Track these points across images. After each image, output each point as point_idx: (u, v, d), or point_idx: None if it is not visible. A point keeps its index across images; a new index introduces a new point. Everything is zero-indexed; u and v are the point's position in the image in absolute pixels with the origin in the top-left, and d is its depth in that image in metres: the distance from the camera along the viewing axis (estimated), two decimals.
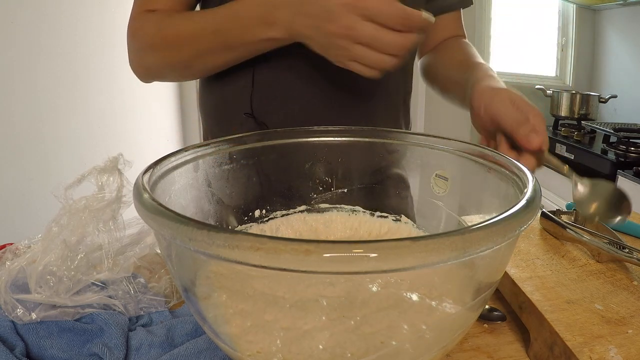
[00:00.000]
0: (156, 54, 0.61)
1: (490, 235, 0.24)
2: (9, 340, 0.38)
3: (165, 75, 0.67)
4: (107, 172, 0.44)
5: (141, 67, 0.65)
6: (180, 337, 0.41)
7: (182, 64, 0.60)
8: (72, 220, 0.43)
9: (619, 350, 0.34)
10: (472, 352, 0.40)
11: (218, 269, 0.30)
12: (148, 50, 0.61)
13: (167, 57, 0.60)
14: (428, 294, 0.30)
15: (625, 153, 1.79)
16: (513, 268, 0.46)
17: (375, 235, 0.49)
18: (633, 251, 0.49)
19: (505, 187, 0.37)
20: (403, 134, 0.47)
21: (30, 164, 1.73)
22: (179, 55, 0.59)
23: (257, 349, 0.28)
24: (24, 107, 1.68)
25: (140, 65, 0.64)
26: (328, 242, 0.21)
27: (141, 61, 0.64)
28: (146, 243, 0.51)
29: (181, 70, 0.63)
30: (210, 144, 0.42)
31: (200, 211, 0.42)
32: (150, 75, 0.66)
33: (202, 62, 0.60)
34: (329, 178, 0.50)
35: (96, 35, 2.07)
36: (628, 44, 2.33)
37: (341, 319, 0.28)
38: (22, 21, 1.63)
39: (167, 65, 0.62)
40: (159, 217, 0.25)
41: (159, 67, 0.63)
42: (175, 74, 0.67)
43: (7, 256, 0.45)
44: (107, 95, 2.16)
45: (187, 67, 0.61)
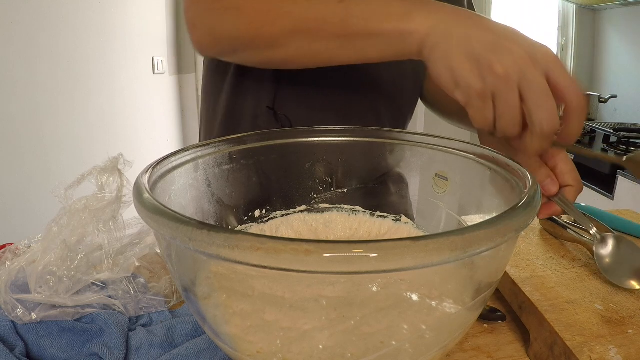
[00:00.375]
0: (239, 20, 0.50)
1: (490, 235, 0.24)
2: (9, 340, 0.38)
3: (237, 51, 0.54)
4: (107, 172, 0.44)
5: (209, 35, 0.53)
6: (180, 337, 0.41)
7: (269, 40, 0.50)
8: (72, 220, 0.43)
9: (619, 350, 0.34)
10: (472, 352, 0.40)
11: (218, 269, 0.30)
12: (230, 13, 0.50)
13: (253, 27, 0.49)
14: (428, 294, 0.30)
15: (625, 153, 1.79)
16: (513, 268, 0.46)
17: (375, 235, 0.49)
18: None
19: (505, 187, 0.36)
20: (403, 134, 0.47)
21: (30, 164, 1.73)
22: (271, 27, 0.49)
23: (257, 349, 0.28)
24: (24, 107, 1.68)
25: (209, 34, 0.53)
26: (328, 242, 0.21)
27: (213, 27, 0.52)
28: (146, 243, 0.51)
29: (262, 48, 0.51)
30: (210, 144, 0.42)
31: (200, 211, 0.42)
32: (217, 47, 0.55)
33: (294, 46, 0.49)
34: (329, 178, 0.50)
35: (96, 35, 2.07)
36: (628, 44, 2.33)
37: (341, 319, 0.28)
38: (22, 21, 1.63)
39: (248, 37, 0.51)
40: (159, 217, 0.25)
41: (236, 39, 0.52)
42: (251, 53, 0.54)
43: (7, 256, 0.45)
44: (107, 95, 2.17)
45: (271, 47, 0.50)
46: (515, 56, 0.39)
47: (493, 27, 0.41)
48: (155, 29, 2.68)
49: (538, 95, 0.38)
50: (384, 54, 0.47)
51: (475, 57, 0.40)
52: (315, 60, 0.51)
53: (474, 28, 0.41)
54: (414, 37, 0.44)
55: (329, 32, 0.47)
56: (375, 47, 0.46)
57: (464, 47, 0.41)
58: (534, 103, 0.39)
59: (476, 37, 0.40)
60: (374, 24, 0.45)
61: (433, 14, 0.43)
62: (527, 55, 0.39)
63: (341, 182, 0.50)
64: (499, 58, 0.39)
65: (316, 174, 0.49)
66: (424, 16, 0.43)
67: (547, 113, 0.38)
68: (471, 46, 0.40)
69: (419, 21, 0.43)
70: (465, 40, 0.41)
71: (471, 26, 0.41)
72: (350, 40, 0.47)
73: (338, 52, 0.49)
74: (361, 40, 0.46)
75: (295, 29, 0.48)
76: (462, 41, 0.41)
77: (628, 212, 0.68)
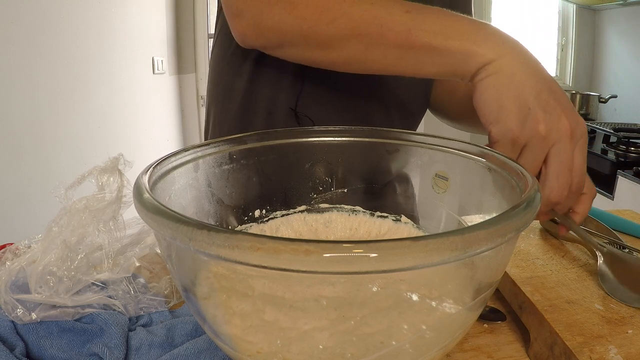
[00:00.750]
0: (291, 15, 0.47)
1: (490, 235, 0.24)
2: (9, 340, 0.38)
3: (284, 47, 0.51)
4: (108, 173, 0.44)
5: (255, 26, 0.50)
6: (180, 337, 0.41)
7: (322, 40, 0.47)
8: (73, 220, 0.43)
9: (619, 350, 0.34)
10: (472, 352, 0.40)
11: (218, 269, 0.30)
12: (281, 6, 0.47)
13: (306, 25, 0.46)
14: (428, 294, 0.30)
15: (625, 153, 1.79)
16: (513, 268, 0.46)
17: (375, 235, 0.49)
18: (633, 251, 0.49)
19: (505, 187, 0.36)
20: (403, 134, 0.47)
21: (30, 164, 1.73)
22: (326, 27, 0.46)
23: (257, 349, 0.28)
24: (24, 107, 1.68)
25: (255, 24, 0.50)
26: (328, 242, 0.21)
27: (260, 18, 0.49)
28: (146, 243, 0.51)
29: (313, 48, 0.49)
30: (210, 144, 0.42)
31: (200, 211, 0.42)
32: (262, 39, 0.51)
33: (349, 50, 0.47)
34: (329, 178, 0.50)
35: (96, 35, 2.07)
36: (628, 44, 2.33)
37: (341, 319, 0.28)
38: (22, 21, 1.63)
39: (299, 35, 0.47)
40: (159, 217, 0.25)
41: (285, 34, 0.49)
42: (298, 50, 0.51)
43: (7, 256, 0.45)
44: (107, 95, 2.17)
45: (324, 47, 0.48)
46: (560, 124, 0.40)
47: (551, 83, 0.42)
48: (155, 29, 2.68)
49: (561, 167, 0.40)
50: (440, 71, 0.46)
51: (526, 104, 0.41)
52: (367, 67, 0.49)
53: (536, 76, 0.42)
54: (478, 60, 0.43)
55: (390, 41, 0.45)
56: (435, 63, 0.45)
57: (520, 90, 0.41)
58: (553, 171, 0.41)
59: (534, 87, 0.41)
60: (440, 39, 0.43)
61: (503, 44, 0.43)
62: (569, 127, 0.40)
63: (341, 182, 0.50)
64: (546, 117, 0.40)
65: (316, 174, 0.49)
66: (494, 42, 0.43)
67: (560, 186, 0.41)
68: (527, 93, 0.41)
69: (487, 45, 0.43)
70: (524, 84, 0.41)
71: (534, 73, 0.42)
72: (411, 51, 0.45)
73: (394, 63, 0.47)
74: (422, 54, 0.45)
75: (353, 33, 0.46)
76: (521, 83, 0.42)
77: (628, 212, 0.68)
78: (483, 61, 0.43)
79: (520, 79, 0.42)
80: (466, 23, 0.45)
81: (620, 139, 1.83)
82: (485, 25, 0.45)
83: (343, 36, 0.46)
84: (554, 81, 0.43)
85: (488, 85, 0.43)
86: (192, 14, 2.99)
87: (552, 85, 0.43)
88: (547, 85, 0.42)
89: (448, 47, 0.44)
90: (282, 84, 0.64)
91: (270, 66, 0.63)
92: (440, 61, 0.45)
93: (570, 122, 0.41)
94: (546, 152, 0.41)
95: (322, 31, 0.46)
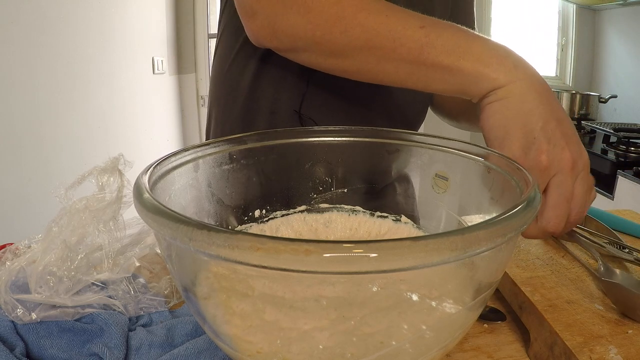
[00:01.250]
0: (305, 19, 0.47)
1: (490, 235, 0.24)
2: (9, 340, 0.38)
3: (297, 51, 0.51)
4: (108, 173, 0.44)
5: (269, 27, 0.50)
6: (180, 337, 0.41)
7: (335, 48, 0.47)
8: (73, 220, 0.43)
9: (619, 350, 0.34)
10: (472, 352, 0.40)
11: (218, 269, 0.30)
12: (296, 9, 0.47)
13: (320, 31, 0.46)
14: (428, 294, 0.30)
15: (625, 153, 1.79)
16: (513, 268, 0.46)
17: (375, 235, 0.49)
18: (633, 251, 0.49)
19: (505, 187, 0.37)
20: (403, 134, 0.47)
21: (30, 164, 1.73)
22: (340, 36, 0.46)
23: (257, 349, 0.28)
24: (24, 107, 1.68)
25: (269, 25, 0.49)
26: (328, 242, 0.21)
27: (275, 19, 0.49)
28: (146, 243, 0.51)
29: (326, 55, 0.49)
30: (210, 144, 0.42)
31: (200, 211, 0.42)
32: (275, 40, 0.51)
33: (361, 60, 0.47)
34: (329, 178, 0.50)
35: (96, 35, 2.07)
36: (628, 44, 2.33)
37: (341, 319, 0.28)
38: (22, 21, 1.63)
39: (312, 41, 0.47)
40: (159, 217, 0.25)
41: (299, 38, 0.48)
42: (311, 55, 0.51)
43: (7, 256, 0.45)
44: (107, 95, 2.17)
45: (336, 55, 0.48)
46: (563, 156, 0.41)
47: (559, 113, 0.42)
48: (155, 29, 2.68)
49: (559, 198, 0.41)
50: (450, 89, 0.46)
51: (532, 133, 0.41)
52: (378, 78, 0.49)
53: (545, 105, 0.42)
54: (489, 83, 0.43)
55: (403, 56, 0.45)
56: (446, 81, 0.45)
57: (528, 118, 0.42)
58: (552, 202, 0.41)
59: (542, 116, 0.41)
60: (452, 58, 0.43)
61: (515, 69, 0.43)
62: (572, 160, 0.41)
63: (341, 182, 0.50)
64: (549, 148, 0.41)
65: (316, 174, 0.49)
66: (507, 66, 0.43)
67: (558, 217, 0.41)
68: (534, 122, 0.41)
69: (500, 69, 0.43)
70: (533, 112, 0.42)
71: (544, 102, 0.42)
72: (422, 68, 0.45)
73: (405, 77, 0.47)
74: (434, 71, 0.45)
75: (367, 44, 0.46)
76: (529, 111, 0.42)
77: (628, 212, 0.68)
78: (494, 85, 0.43)
79: (529, 107, 0.42)
80: (480, 44, 0.44)
81: (620, 139, 1.83)
82: (500, 47, 0.44)
83: (356, 47, 0.46)
84: (562, 110, 0.43)
85: (496, 109, 0.43)
86: (192, 14, 2.99)
87: (560, 115, 0.43)
88: (555, 115, 0.42)
89: (460, 67, 0.43)
90: (286, 85, 0.64)
91: (275, 66, 0.63)
92: (451, 80, 0.45)
93: (573, 154, 0.41)
94: (546, 183, 0.41)
95: (335, 39, 0.46)
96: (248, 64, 0.65)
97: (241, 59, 0.66)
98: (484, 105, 0.44)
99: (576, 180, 0.41)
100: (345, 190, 0.50)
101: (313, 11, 0.46)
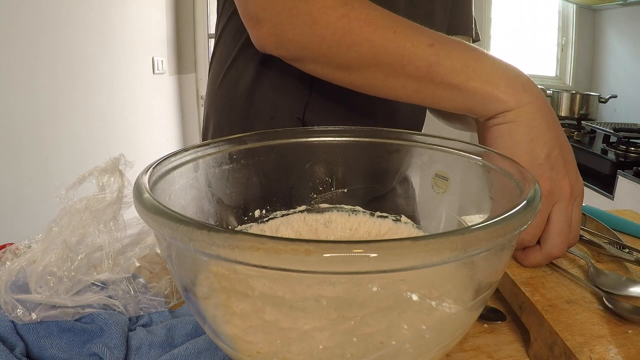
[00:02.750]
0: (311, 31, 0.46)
1: (490, 235, 0.24)
2: (9, 340, 0.38)
3: (304, 61, 0.50)
4: (108, 173, 0.44)
5: (275, 36, 0.49)
6: (180, 337, 0.41)
7: (341, 62, 0.47)
8: (73, 220, 0.43)
9: (619, 350, 0.34)
10: (472, 352, 0.40)
11: (218, 269, 0.30)
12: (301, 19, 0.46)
13: (326, 44, 0.46)
14: (428, 294, 0.30)
15: (625, 153, 1.79)
16: (513, 268, 0.46)
17: (375, 235, 0.49)
18: (633, 251, 0.49)
19: (505, 187, 0.36)
20: (403, 133, 0.47)
21: (30, 164, 1.73)
22: (346, 50, 0.45)
23: (257, 349, 0.28)
24: (24, 107, 1.68)
25: (275, 34, 0.49)
26: (328, 242, 0.21)
27: (281, 28, 0.48)
28: (146, 243, 0.51)
29: (332, 67, 0.49)
30: (210, 144, 0.42)
31: (200, 211, 0.42)
32: (281, 49, 0.50)
33: (368, 75, 0.47)
34: (329, 178, 0.50)
35: (96, 35, 2.07)
36: (628, 44, 2.33)
37: (341, 319, 0.28)
38: (22, 21, 1.63)
39: (318, 53, 0.47)
40: (159, 217, 0.25)
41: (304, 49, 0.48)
42: (317, 66, 0.50)
43: (7, 256, 0.45)
44: (107, 95, 2.17)
45: (342, 69, 0.48)
46: (563, 184, 0.42)
47: (563, 141, 0.43)
48: (155, 29, 2.68)
49: (563, 225, 0.42)
50: (456, 107, 0.46)
51: (537, 159, 0.42)
52: (385, 93, 0.49)
53: (551, 132, 0.43)
54: (497, 105, 0.43)
55: (410, 73, 0.45)
56: (453, 100, 0.45)
57: (534, 144, 0.42)
58: (557, 229, 0.42)
59: (548, 143, 0.42)
60: (461, 78, 0.43)
61: (524, 92, 0.43)
62: (571, 187, 0.42)
63: (341, 182, 0.50)
64: (552, 175, 0.42)
65: (316, 174, 0.49)
66: (516, 89, 0.43)
67: (562, 243, 0.42)
68: (540, 148, 0.42)
69: (509, 92, 0.43)
70: (540, 138, 0.42)
71: (550, 129, 0.43)
72: (430, 86, 0.45)
73: (412, 94, 0.47)
74: (442, 90, 0.45)
75: (374, 60, 0.45)
76: (536, 137, 0.42)
77: (628, 212, 0.68)
78: (503, 107, 0.43)
79: (536, 133, 0.42)
80: (490, 64, 0.44)
81: (620, 139, 1.83)
82: (509, 67, 0.44)
83: (364, 62, 0.46)
84: (564, 134, 0.44)
85: (503, 132, 0.43)
86: (192, 14, 2.99)
87: (562, 141, 0.43)
88: (559, 142, 0.43)
89: (468, 87, 0.43)
90: (287, 90, 0.64)
91: (275, 70, 0.62)
92: (459, 99, 0.45)
93: (571, 181, 0.42)
94: (550, 209, 0.42)
95: (342, 53, 0.46)
96: (247, 68, 0.65)
97: (241, 62, 0.66)
98: (491, 125, 0.44)
99: (573, 205, 0.43)
100: (345, 190, 0.50)
101: (319, 23, 0.46)
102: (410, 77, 0.45)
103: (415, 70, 0.44)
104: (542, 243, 0.43)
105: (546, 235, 0.43)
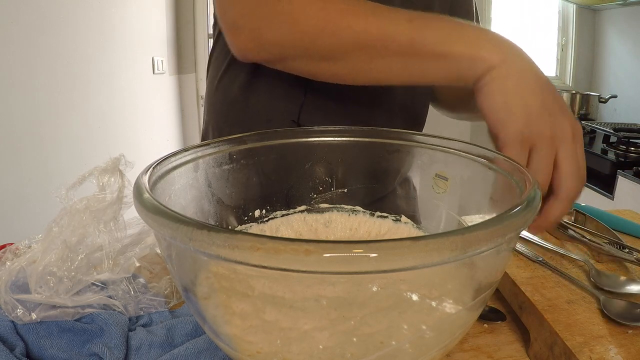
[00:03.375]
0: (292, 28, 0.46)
1: (490, 235, 0.24)
2: (9, 340, 0.38)
3: (287, 60, 0.51)
4: (108, 173, 0.44)
5: (255, 40, 0.49)
6: (180, 337, 0.41)
7: (325, 52, 0.47)
8: (73, 220, 0.43)
9: (619, 350, 0.34)
10: (472, 352, 0.40)
11: (218, 269, 0.30)
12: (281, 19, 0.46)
13: (308, 37, 0.46)
14: (428, 294, 0.30)
15: (625, 153, 1.79)
16: (513, 268, 0.46)
17: (375, 235, 0.49)
18: (633, 251, 0.49)
19: (505, 186, 0.37)
20: (403, 134, 0.47)
21: (30, 164, 1.73)
22: (329, 39, 0.46)
23: (257, 349, 0.28)
24: (24, 107, 1.68)
25: (254, 38, 0.49)
26: (328, 242, 0.21)
27: (260, 32, 0.48)
28: (146, 243, 0.51)
29: (316, 60, 0.49)
30: (210, 144, 0.42)
31: (200, 211, 0.42)
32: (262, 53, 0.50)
33: (353, 61, 0.47)
34: (329, 178, 0.50)
35: (96, 35, 2.07)
36: (628, 44, 2.33)
37: (341, 319, 0.28)
38: (22, 21, 1.63)
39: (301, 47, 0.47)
40: (159, 217, 0.25)
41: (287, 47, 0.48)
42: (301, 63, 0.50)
43: (7, 256, 0.45)
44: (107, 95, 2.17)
45: (327, 59, 0.48)
46: (564, 125, 0.42)
47: (551, 87, 0.44)
48: (155, 29, 2.68)
49: (572, 166, 0.42)
50: (445, 76, 0.46)
51: (532, 108, 0.42)
52: (372, 77, 0.49)
53: (538, 81, 0.44)
54: (484, 64, 0.43)
55: (394, 51, 0.45)
56: (440, 69, 0.45)
57: (526, 94, 0.43)
58: (569, 171, 0.42)
59: (540, 92, 0.43)
60: (445, 46, 0.44)
61: (506, 48, 0.44)
62: (571, 129, 0.42)
63: (341, 182, 0.50)
64: (550, 120, 0.42)
65: (316, 174, 0.49)
66: (498, 47, 0.44)
67: (577, 182, 0.42)
68: (533, 97, 0.42)
69: (492, 50, 0.43)
70: (530, 88, 0.43)
71: (536, 78, 0.44)
72: (415, 59, 0.45)
73: (399, 72, 0.47)
74: (428, 61, 0.45)
75: (357, 45, 0.45)
76: (526, 87, 0.43)
77: (628, 212, 0.68)
78: (488, 65, 0.43)
79: (526, 84, 0.43)
80: (468, 29, 0.45)
81: (620, 139, 1.83)
82: (486, 30, 0.46)
83: (346, 48, 0.46)
84: (552, 84, 0.45)
85: (494, 89, 0.43)
86: (192, 14, 2.99)
87: (552, 89, 0.44)
88: (550, 90, 0.44)
89: (453, 52, 0.44)
90: (282, 94, 0.64)
91: (268, 76, 0.62)
92: (446, 67, 0.45)
93: (571, 124, 0.43)
94: (554, 153, 0.42)
95: (324, 43, 0.46)
96: (241, 72, 0.65)
97: (233, 69, 0.66)
98: (482, 86, 0.44)
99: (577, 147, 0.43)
100: (345, 190, 0.50)
101: (299, 19, 0.46)
102: (394, 55, 0.45)
103: (398, 47, 0.45)
104: (556, 191, 0.43)
105: (559, 181, 0.42)
